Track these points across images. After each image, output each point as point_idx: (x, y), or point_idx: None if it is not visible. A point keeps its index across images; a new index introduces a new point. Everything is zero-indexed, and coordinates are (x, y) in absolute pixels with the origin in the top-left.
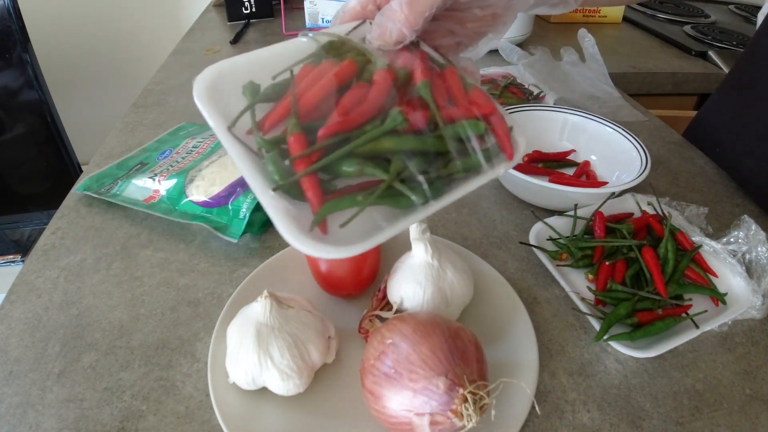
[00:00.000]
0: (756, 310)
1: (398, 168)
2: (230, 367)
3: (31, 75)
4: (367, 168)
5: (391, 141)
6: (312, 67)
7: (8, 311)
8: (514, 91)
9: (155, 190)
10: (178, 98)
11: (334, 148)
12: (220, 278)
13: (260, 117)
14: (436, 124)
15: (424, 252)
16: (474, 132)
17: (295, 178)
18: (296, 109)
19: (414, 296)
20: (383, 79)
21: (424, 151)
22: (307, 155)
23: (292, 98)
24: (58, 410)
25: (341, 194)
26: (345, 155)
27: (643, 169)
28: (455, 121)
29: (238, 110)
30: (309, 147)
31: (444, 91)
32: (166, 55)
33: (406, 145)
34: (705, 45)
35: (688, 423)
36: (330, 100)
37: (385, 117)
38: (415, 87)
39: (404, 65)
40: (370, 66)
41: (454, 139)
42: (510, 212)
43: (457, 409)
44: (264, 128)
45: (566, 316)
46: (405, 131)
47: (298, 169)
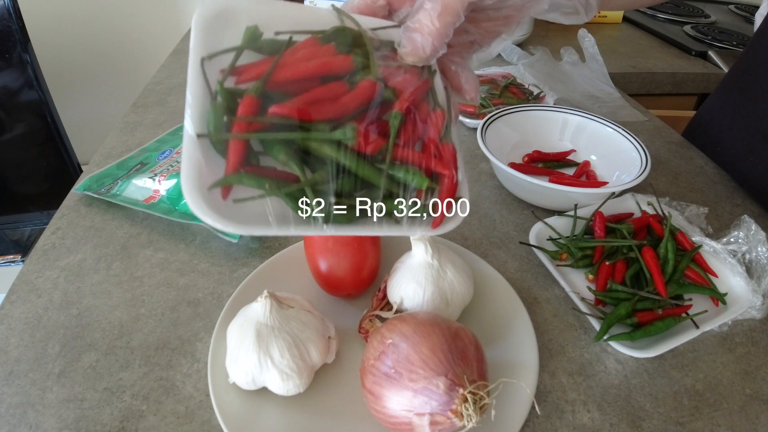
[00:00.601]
0: (756, 310)
1: (319, 178)
2: (230, 367)
3: (31, 75)
4: (291, 163)
5: (331, 150)
6: (317, 42)
7: (8, 311)
8: (514, 91)
9: (155, 190)
10: (178, 98)
11: (277, 129)
12: (220, 278)
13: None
14: (384, 158)
15: (424, 252)
16: (416, 184)
17: (224, 137)
18: (269, 75)
19: (414, 296)
20: (363, 90)
21: (356, 176)
22: (249, 122)
23: (273, 63)
24: (58, 410)
25: (257, 172)
26: (281, 141)
27: (643, 169)
28: (405, 163)
29: (223, 47)
30: (256, 115)
31: (417, 129)
32: (166, 55)
33: (342, 160)
34: (705, 45)
35: (688, 423)
36: (308, 83)
37: (339, 126)
38: (390, 112)
39: (397, 86)
40: (365, 72)
41: (393, 180)
42: (510, 212)
43: (457, 409)
44: (239, 77)
45: (566, 316)
46: (350, 148)
47: (234, 130)
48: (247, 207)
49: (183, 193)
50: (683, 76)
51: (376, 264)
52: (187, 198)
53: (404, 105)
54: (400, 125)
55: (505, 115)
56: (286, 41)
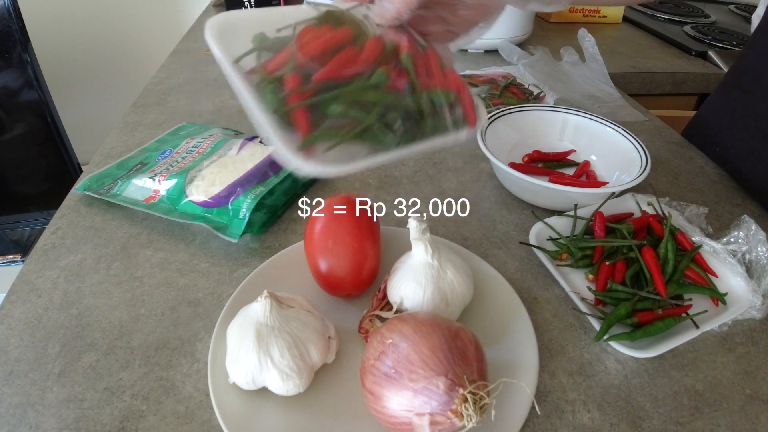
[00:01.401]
0: (756, 310)
1: (379, 112)
2: (230, 367)
3: (31, 75)
4: (352, 110)
5: (374, 94)
6: (312, 29)
7: (8, 311)
8: (514, 91)
9: (155, 190)
10: (178, 98)
11: (325, 92)
12: (220, 278)
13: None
14: (414, 88)
15: (424, 252)
16: (445, 100)
17: (290, 107)
18: (296, 56)
19: (414, 296)
20: (373, 45)
21: (400, 108)
22: (301, 92)
23: (293, 47)
24: (58, 410)
25: (326, 128)
26: (334, 97)
27: (643, 169)
28: (431, 88)
29: (241, 53)
30: (301, 87)
31: (424, 65)
32: (166, 55)
33: (386, 99)
34: (705, 45)
35: (688, 423)
36: (325, 56)
37: (372, 74)
38: (400, 57)
39: (393, 40)
40: (363, 36)
41: (428, 102)
42: (510, 212)
43: (457, 409)
44: (267, 69)
45: (566, 316)
46: (387, 88)
47: (292, 102)
48: (330, 155)
49: (288, 158)
50: (683, 76)
51: (376, 264)
52: (294, 160)
53: (407, 48)
54: (413, 63)
55: (505, 115)
56: (292, 34)
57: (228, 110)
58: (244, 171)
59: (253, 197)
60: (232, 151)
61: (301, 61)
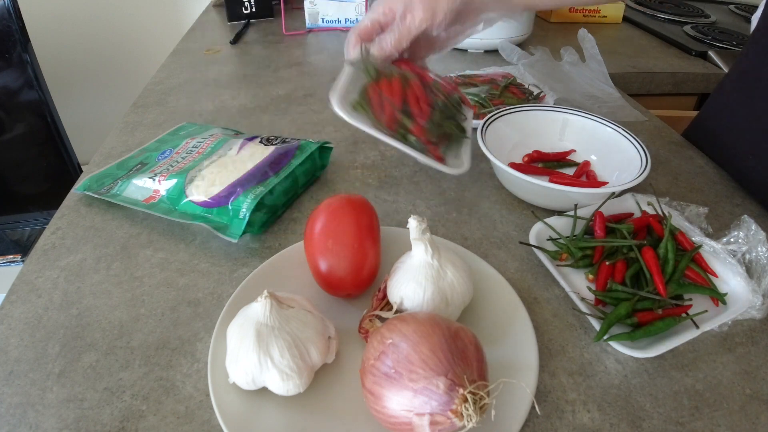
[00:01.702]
0: (756, 310)
1: (454, 123)
2: (230, 367)
3: (31, 75)
4: (446, 125)
5: (445, 113)
6: (374, 84)
7: (8, 311)
8: (514, 91)
9: (155, 190)
10: (178, 98)
11: (431, 124)
12: (220, 278)
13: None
14: (446, 102)
15: (424, 252)
16: (457, 100)
17: (424, 143)
18: (395, 106)
19: (414, 296)
20: (416, 84)
21: (451, 112)
22: (419, 128)
23: (388, 101)
24: (58, 410)
25: (442, 143)
26: (437, 125)
27: (643, 169)
28: (450, 94)
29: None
30: (422, 127)
31: (430, 81)
32: (166, 55)
33: (449, 112)
34: (705, 45)
35: (688, 423)
36: (402, 99)
37: (441, 101)
38: (430, 84)
39: (410, 71)
40: (404, 78)
41: (455, 103)
42: (510, 212)
43: (457, 409)
44: (386, 123)
45: (566, 316)
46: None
47: (421, 138)
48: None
49: (447, 171)
50: (683, 76)
51: (376, 264)
52: (438, 167)
53: (428, 78)
54: (440, 85)
55: (505, 115)
56: (365, 90)
57: (228, 110)
58: (244, 171)
59: (253, 197)
60: (232, 151)
61: (398, 107)
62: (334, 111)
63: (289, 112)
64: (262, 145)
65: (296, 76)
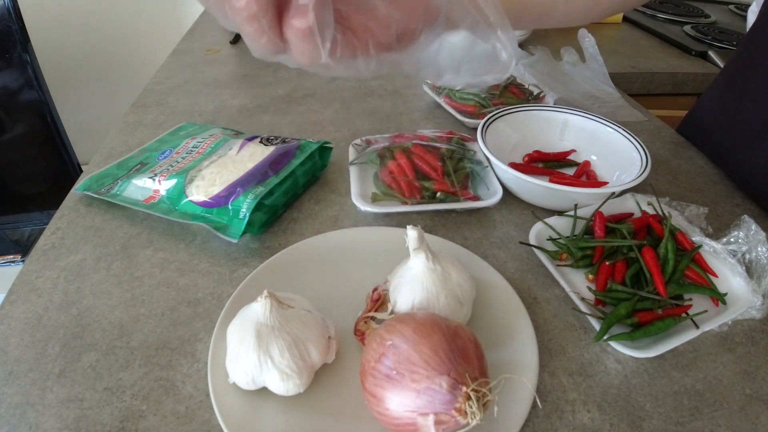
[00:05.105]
0: (756, 310)
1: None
2: (230, 367)
3: (31, 75)
4: (464, 166)
5: (461, 162)
6: (383, 169)
7: (8, 311)
8: (514, 91)
9: (155, 190)
10: (178, 98)
11: (448, 173)
12: (220, 278)
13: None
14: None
15: (426, 260)
16: (459, 142)
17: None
18: (408, 174)
19: (429, 305)
20: (417, 148)
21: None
22: (447, 182)
23: (407, 180)
24: (58, 410)
25: (467, 182)
26: (453, 169)
27: (643, 169)
28: (450, 141)
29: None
30: (443, 181)
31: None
32: (166, 55)
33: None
34: (705, 45)
35: (688, 423)
36: (412, 168)
37: (446, 152)
38: (427, 141)
39: (405, 141)
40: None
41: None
42: (510, 212)
43: (461, 407)
44: (408, 195)
45: (566, 316)
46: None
47: (448, 191)
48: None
49: (357, 205)
50: (683, 76)
51: None
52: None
53: (419, 139)
54: (432, 140)
55: (505, 115)
56: (378, 173)
57: (228, 110)
58: (244, 171)
59: (253, 197)
60: (232, 151)
61: (413, 177)
62: (361, 210)
63: (289, 112)
64: (262, 145)
65: (296, 76)
